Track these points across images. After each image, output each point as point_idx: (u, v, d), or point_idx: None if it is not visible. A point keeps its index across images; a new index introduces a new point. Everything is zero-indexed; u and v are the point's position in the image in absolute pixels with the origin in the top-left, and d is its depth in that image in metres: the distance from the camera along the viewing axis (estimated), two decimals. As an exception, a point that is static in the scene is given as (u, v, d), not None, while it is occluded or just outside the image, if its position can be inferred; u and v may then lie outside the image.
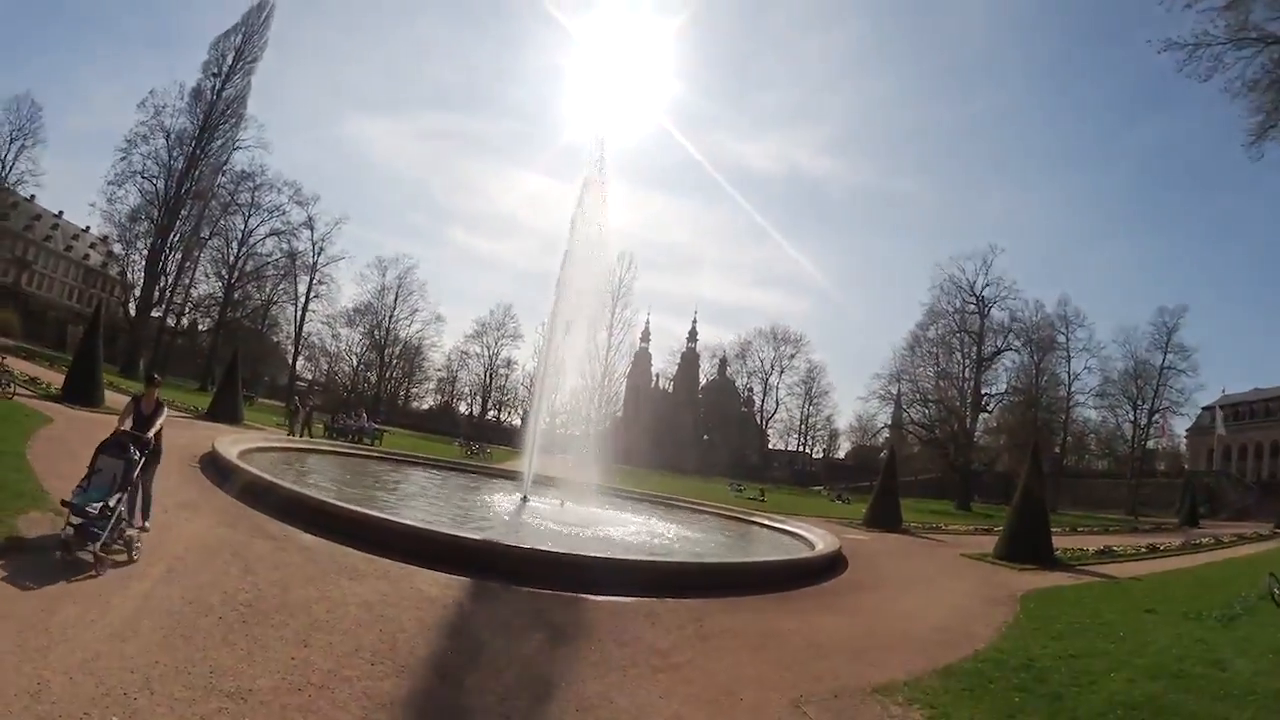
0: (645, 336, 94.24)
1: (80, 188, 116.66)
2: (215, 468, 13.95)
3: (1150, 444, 75.98)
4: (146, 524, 8.61)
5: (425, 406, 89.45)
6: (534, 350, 76.81)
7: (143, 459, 7.89)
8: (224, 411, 28.35)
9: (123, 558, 7.32)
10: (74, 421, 16.99)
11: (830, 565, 14.54)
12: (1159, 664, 8.97)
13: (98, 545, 6.92)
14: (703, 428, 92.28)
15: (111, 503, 7.20)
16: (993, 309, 68.34)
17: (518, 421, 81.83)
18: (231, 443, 16.15)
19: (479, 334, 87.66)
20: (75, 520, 6.99)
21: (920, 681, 7.38)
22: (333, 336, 79.70)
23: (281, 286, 72.47)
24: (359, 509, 11.31)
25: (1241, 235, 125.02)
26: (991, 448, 71.55)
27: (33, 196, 71.08)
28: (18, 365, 28.21)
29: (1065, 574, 18.28)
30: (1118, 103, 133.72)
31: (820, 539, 17.40)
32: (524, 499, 18.59)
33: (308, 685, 5.36)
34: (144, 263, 62.69)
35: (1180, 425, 79.92)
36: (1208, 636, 10.86)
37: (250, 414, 32.04)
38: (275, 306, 73.50)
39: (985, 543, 23.25)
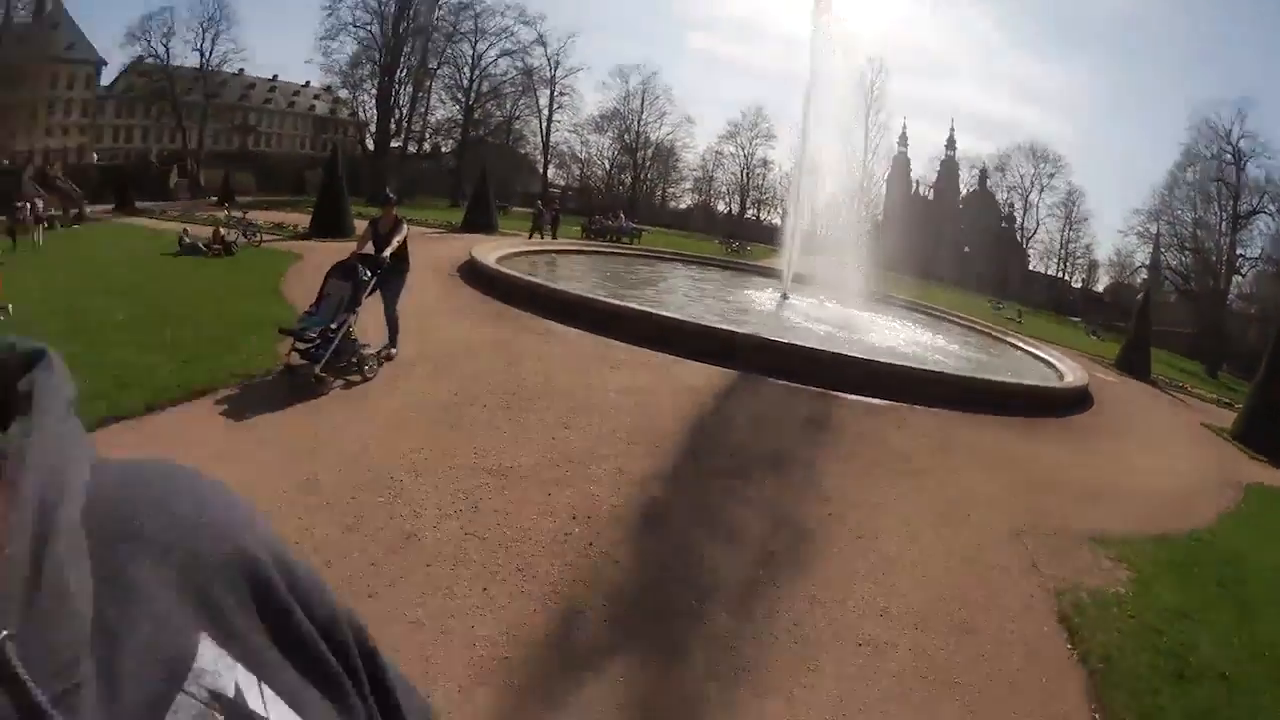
0: (903, 141, 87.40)
1: (288, 56, 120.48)
2: (474, 273, 14.50)
3: None
4: (393, 350, 8.46)
5: (683, 206, 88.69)
6: (789, 150, 74.30)
7: (374, 279, 7.83)
8: (478, 223, 28.71)
9: (356, 378, 7.46)
10: (323, 253, 18.43)
11: (1077, 401, 13.82)
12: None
13: (319, 367, 7.04)
14: (963, 239, 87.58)
15: (335, 325, 7.20)
16: (1248, 164, 57.06)
17: (777, 220, 79.89)
18: (489, 249, 16.69)
19: (732, 134, 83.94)
20: (300, 345, 7.14)
21: (1134, 542, 7.11)
22: (581, 143, 79.91)
23: (522, 102, 73.43)
24: (620, 303, 11.79)
25: None
26: (1243, 314, 62.62)
27: (241, 70, 70.28)
28: (261, 216, 27.84)
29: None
30: None
31: (1070, 371, 16.37)
32: (784, 296, 18.34)
33: (565, 462, 6.02)
34: (374, 101, 64.61)
35: None
36: None
37: (505, 223, 32.42)
38: (518, 121, 74.69)
39: (1226, 416, 20.61)
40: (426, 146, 74.70)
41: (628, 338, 10.16)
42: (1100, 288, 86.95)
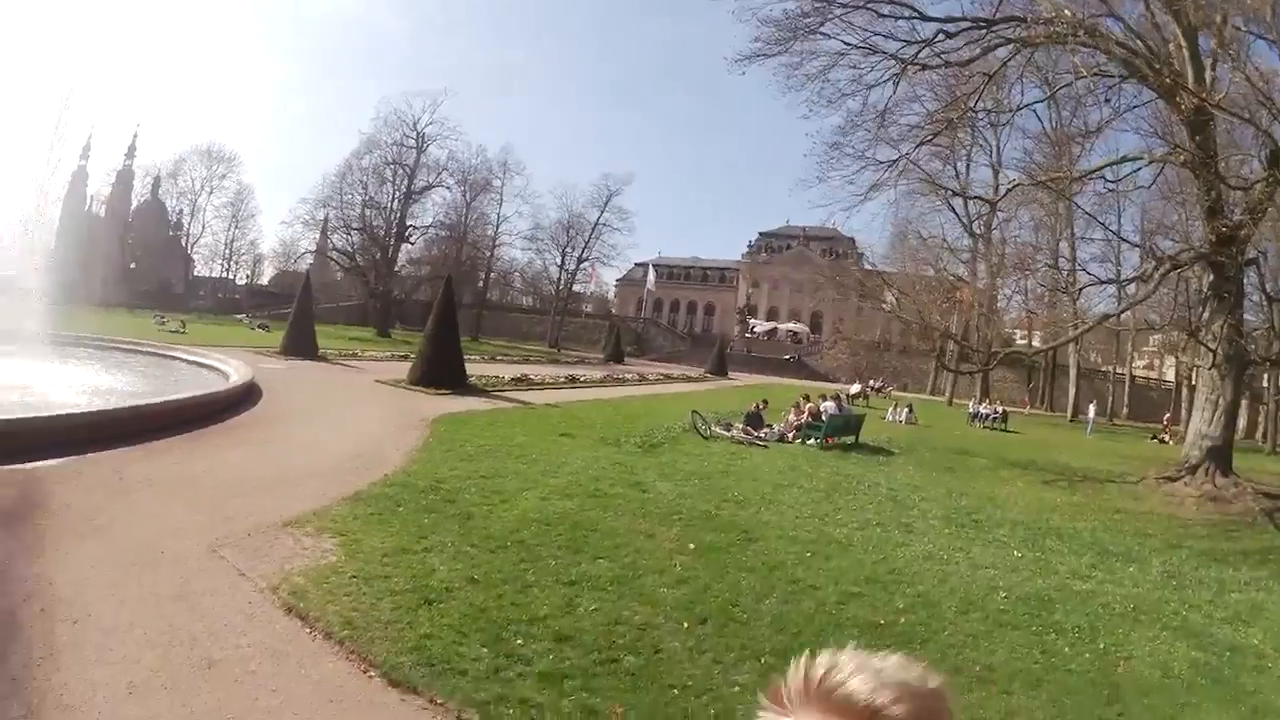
0: (85, 153, 71.46)
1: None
2: None
3: (578, 288, 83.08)
4: None
5: None
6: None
7: None
8: None
9: None
10: None
11: (244, 397, 14.22)
12: (575, 483, 9.41)
13: None
14: (131, 255, 78.37)
15: None
16: (431, 146, 68.48)
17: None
18: None
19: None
20: None
21: (330, 510, 7.43)
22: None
23: None
24: None
25: (704, 130, 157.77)
26: (413, 277, 74.10)
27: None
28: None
29: (479, 399, 18.89)
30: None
31: (235, 370, 16.67)
32: None
33: None
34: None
35: (611, 276, 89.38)
36: (628, 460, 11.45)
37: None
38: None
39: (401, 369, 23.01)
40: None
41: None
42: (266, 280, 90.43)
